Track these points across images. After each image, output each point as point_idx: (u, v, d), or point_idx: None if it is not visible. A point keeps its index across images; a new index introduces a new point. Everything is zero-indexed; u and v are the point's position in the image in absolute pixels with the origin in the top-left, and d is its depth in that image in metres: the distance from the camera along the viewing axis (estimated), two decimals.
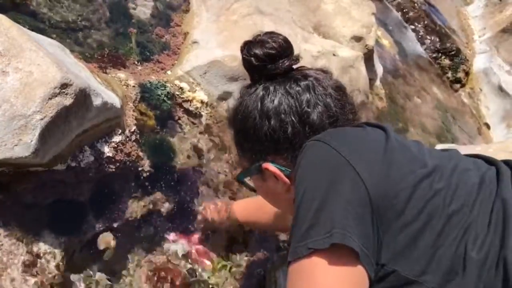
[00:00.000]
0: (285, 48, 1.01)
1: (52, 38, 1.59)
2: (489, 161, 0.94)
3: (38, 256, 1.26)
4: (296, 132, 0.96)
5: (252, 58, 1.00)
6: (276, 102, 0.97)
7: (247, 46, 1.02)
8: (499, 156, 2.55)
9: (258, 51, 0.99)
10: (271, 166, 0.99)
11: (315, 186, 0.82)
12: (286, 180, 0.98)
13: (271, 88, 0.98)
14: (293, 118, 0.96)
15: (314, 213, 0.79)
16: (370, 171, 0.80)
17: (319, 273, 0.77)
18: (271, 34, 1.02)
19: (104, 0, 1.99)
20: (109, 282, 1.42)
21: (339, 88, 1.02)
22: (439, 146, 2.62)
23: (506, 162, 0.92)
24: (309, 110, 0.96)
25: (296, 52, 1.07)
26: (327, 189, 0.80)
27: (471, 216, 0.81)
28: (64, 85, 1.17)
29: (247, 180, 1.13)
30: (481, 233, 0.79)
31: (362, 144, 0.87)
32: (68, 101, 1.18)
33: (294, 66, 1.03)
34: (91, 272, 1.41)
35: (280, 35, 1.02)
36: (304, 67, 1.05)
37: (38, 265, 1.25)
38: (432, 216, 0.80)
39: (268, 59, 0.99)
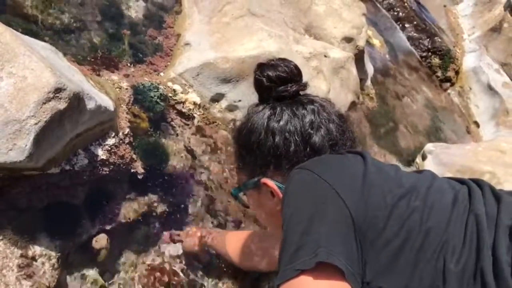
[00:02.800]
0: (295, 74, 1.06)
1: (45, 41, 1.59)
2: (460, 181, 0.98)
3: (33, 258, 1.27)
4: (298, 151, 1.00)
5: (264, 79, 1.05)
6: (282, 122, 1.01)
7: (260, 68, 1.07)
8: (488, 153, 2.58)
9: (270, 73, 1.04)
10: (269, 182, 1.03)
11: (301, 210, 0.86)
12: (282, 196, 1.00)
13: (279, 108, 1.03)
14: (296, 138, 1.00)
15: (300, 235, 0.82)
16: (351, 194, 0.85)
17: None
18: (283, 60, 1.08)
19: (97, 2, 2.00)
20: (103, 282, 1.43)
21: (342, 116, 1.08)
22: (429, 145, 2.66)
23: (475, 181, 0.97)
24: (312, 132, 1.01)
25: (288, 53, 1.11)
26: (312, 212, 0.84)
27: (447, 231, 0.85)
28: (58, 90, 1.18)
29: (241, 195, 1.16)
30: (457, 246, 0.83)
31: (343, 171, 0.91)
32: (62, 105, 1.19)
33: (301, 92, 1.09)
34: (86, 273, 1.43)
35: (292, 62, 1.08)
36: (311, 94, 1.11)
37: (33, 267, 1.26)
38: (410, 233, 0.83)
39: (278, 81, 1.04)
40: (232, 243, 1.57)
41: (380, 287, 0.82)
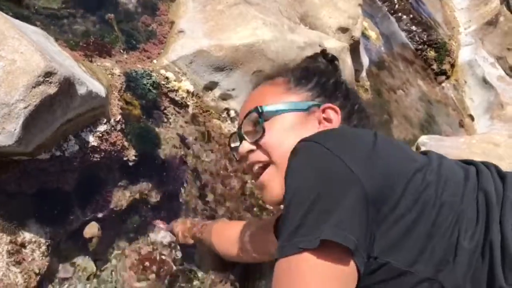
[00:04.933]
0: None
1: (36, 25, 1.57)
2: (467, 162, 1.00)
3: (22, 245, 1.26)
4: (355, 103, 1.14)
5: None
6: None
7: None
8: (482, 146, 2.58)
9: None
10: (336, 108, 1.08)
11: (308, 185, 0.83)
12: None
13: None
14: (352, 95, 1.17)
15: (305, 212, 0.79)
16: (364, 167, 0.82)
17: (307, 272, 0.77)
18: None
19: None
20: (95, 269, 1.42)
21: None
22: (423, 137, 2.66)
23: (482, 162, 0.99)
24: (355, 94, 1.21)
25: (282, 42, 1.14)
26: (320, 188, 0.81)
27: (461, 206, 0.85)
28: (48, 74, 1.16)
29: (270, 115, 1.07)
30: (471, 222, 0.84)
31: (354, 142, 0.90)
32: (52, 89, 1.17)
33: None
34: (77, 261, 1.41)
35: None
36: None
37: (23, 254, 1.25)
38: (425, 207, 0.83)
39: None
40: (218, 234, 1.54)
41: (387, 262, 0.81)
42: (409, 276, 0.81)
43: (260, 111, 1.07)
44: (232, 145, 1.26)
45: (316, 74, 1.14)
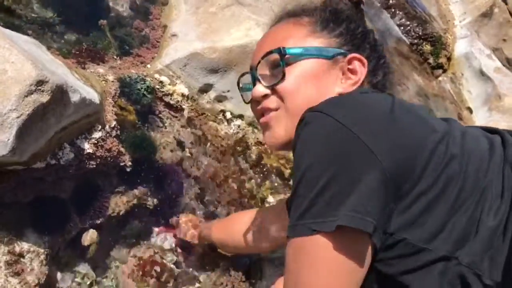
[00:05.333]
0: None
1: (28, 34, 1.57)
2: (491, 130, 0.95)
3: (21, 255, 1.26)
4: (383, 58, 1.08)
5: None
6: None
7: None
8: None
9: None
10: (365, 61, 1.01)
11: (320, 162, 0.77)
12: (360, 81, 0.99)
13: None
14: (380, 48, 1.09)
15: (319, 191, 0.75)
16: (380, 142, 0.77)
17: (322, 256, 0.75)
18: None
19: None
20: (94, 276, 1.42)
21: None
22: None
23: (508, 131, 0.93)
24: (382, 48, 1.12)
25: None
26: (335, 166, 0.76)
27: (485, 181, 0.81)
28: (40, 82, 1.16)
29: (292, 60, 1.00)
30: (496, 198, 0.79)
31: (368, 113, 0.82)
32: (44, 98, 1.17)
33: None
34: (77, 269, 1.41)
35: None
36: None
37: (21, 264, 1.25)
38: (448, 183, 0.78)
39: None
40: (227, 228, 1.54)
41: (404, 239, 0.78)
42: (427, 253, 0.77)
43: (283, 53, 0.98)
44: (241, 84, 1.19)
45: (346, 19, 1.05)
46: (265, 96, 1.03)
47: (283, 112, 1.00)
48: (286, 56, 0.99)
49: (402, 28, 3.95)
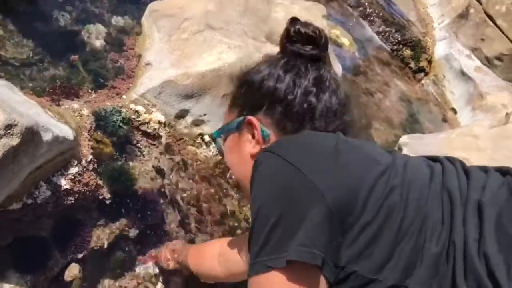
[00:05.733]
0: (322, 42, 1.07)
1: (0, 76, 1.60)
2: (433, 159, 0.98)
3: None
4: (295, 102, 1.01)
5: (292, 29, 1.06)
6: (291, 73, 1.02)
7: (293, 21, 1.09)
8: (462, 140, 2.59)
9: (301, 27, 1.05)
10: (254, 120, 1.02)
11: (270, 201, 0.83)
12: (261, 139, 1.01)
13: (292, 62, 1.04)
14: (298, 91, 1.01)
15: (270, 229, 0.80)
16: (324, 178, 0.82)
17: None
18: (319, 28, 1.09)
19: (57, 31, 2.00)
20: None
21: (347, 97, 1.09)
22: (404, 137, 2.68)
23: (447, 158, 0.97)
24: (315, 91, 1.01)
25: (248, 63, 1.11)
26: (283, 204, 0.81)
27: (426, 208, 0.84)
28: (9, 126, 1.18)
29: (221, 140, 1.14)
30: (437, 225, 0.83)
31: (314, 152, 0.89)
32: (14, 141, 1.19)
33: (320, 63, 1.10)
34: None
35: (324, 32, 1.09)
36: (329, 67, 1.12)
37: None
38: (390, 213, 0.82)
39: (304, 38, 1.05)
40: (193, 256, 1.55)
41: (354, 271, 0.81)
42: (377, 283, 0.80)
43: (214, 138, 1.14)
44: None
45: (243, 84, 1.09)
46: None
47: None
48: (217, 139, 1.14)
49: (381, 35, 4.01)
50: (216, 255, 1.46)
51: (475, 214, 0.83)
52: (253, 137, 1.03)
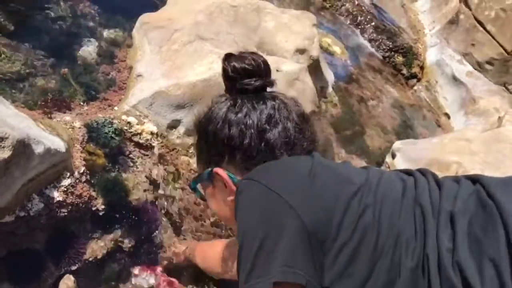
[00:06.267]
0: (262, 69, 1.06)
1: None
2: (407, 172, 1.00)
3: None
4: (252, 145, 1.01)
5: (229, 69, 1.05)
6: (240, 114, 1.02)
7: (228, 58, 1.07)
8: (455, 144, 2.60)
9: (236, 64, 1.04)
10: (221, 171, 1.03)
11: (253, 227, 0.86)
12: (233, 187, 1.01)
13: (239, 101, 1.03)
14: (252, 131, 1.01)
15: (255, 254, 0.83)
16: (301, 201, 0.85)
17: None
18: (253, 53, 1.08)
19: (50, 45, 2.02)
20: None
21: (302, 116, 1.08)
22: (397, 143, 2.69)
23: (420, 171, 0.99)
24: (268, 127, 1.01)
25: None
26: (264, 228, 0.84)
27: (399, 224, 0.86)
28: (0, 139, 1.19)
29: (200, 188, 1.16)
30: (411, 240, 0.85)
31: (290, 176, 0.92)
32: (5, 154, 1.20)
33: (268, 89, 1.09)
34: None
35: (262, 57, 1.08)
36: (276, 91, 1.11)
37: None
38: (365, 232, 0.84)
39: (243, 73, 1.04)
40: (202, 254, 1.61)
41: None
42: None
43: (192, 188, 1.18)
44: None
45: (200, 137, 1.11)
46: None
47: None
48: (194, 188, 1.18)
49: (372, 42, 4.05)
50: (219, 255, 1.51)
51: (448, 225, 0.85)
52: (225, 186, 1.05)
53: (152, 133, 1.83)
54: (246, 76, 1.04)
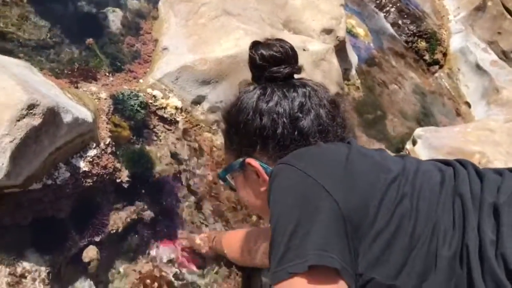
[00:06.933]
0: (290, 56, 1.05)
1: (19, 58, 1.60)
2: (445, 162, 0.99)
3: (22, 276, 1.28)
4: (285, 134, 1.00)
5: (257, 57, 1.04)
6: (271, 103, 1.01)
7: (255, 46, 1.06)
8: (477, 133, 2.58)
9: (264, 52, 1.03)
10: (254, 161, 1.03)
11: (288, 210, 0.86)
12: (266, 177, 1.00)
13: (269, 89, 1.02)
14: (284, 120, 0.99)
15: (289, 237, 0.82)
16: (338, 187, 0.85)
17: None
18: (280, 40, 1.06)
19: (75, 14, 2.00)
20: None
21: (334, 102, 1.06)
22: (419, 130, 2.66)
23: (459, 161, 0.98)
24: (301, 115, 1.00)
25: None
26: (300, 211, 0.84)
27: (437, 214, 0.86)
28: (31, 106, 1.18)
29: (229, 177, 1.16)
30: (448, 230, 0.84)
31: (326, 162, 0.91)
32: (36, 121, 1.20)
33: (296, 76, 1.08)
34: (78, 286, 1.43)
35: (288, 43, 1.06)
36: (305, 78, 1.09)
37: (23, 284, 1.27)
38: (402, 220, 0.84)
39: (272, 61, 1.03)
40: (228, 242, 1.59)
41: (372, 278, 0.83)
42: None
43: (221, 177, 1.16)
44: None
45: (230, 126, 1.10)
46: None
47: None
48: (223, 178, 1.16)
49: (396, 27, 3.97)
50: (245, 243, 1.51)
51: (491, 216, 0.84)
52: (258, 176, 1.04)
53: (176, 108, 1.82)
54: (274, 64, 1.03)
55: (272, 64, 1.03)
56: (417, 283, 0.82)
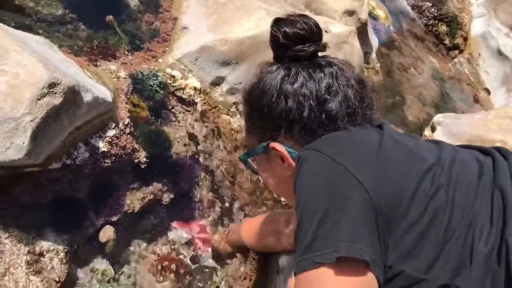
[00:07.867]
0: (315, 33, 0.99)
1: (39, 34, 1.57)
2: (484, 151, 0.94)
3: (41, 254, 1.28)
4: (312, 117, 0.94)
5: (280, 35, 0.97)
6: (296, 84, 0.95)
7: (277, 23, 0.99)
8: (498, 121, 2.53)
9: (287, 29, 0.96)
10: (279, 146, 0.98)
11: (316, 197, 0.82)
12: (292, 162, 0.97)
13: (294, 70, 0.96)
14: (311, 102, 0.94)
15: (317, 225, 0.79)
16: (369, 175, 0.80)
17: (328, 286, 0.77)
18: (303, 16, 1.00)
19: None
20: (113, 272, 1.44)
21: (361, 81, 1.00)
22: (438, 116, 2.61)
23: (499, 150, 0.93)
24: (328, 97, 0.94)
25: None
26: (328, 199, 0.80)
27: (474, 208, 0.82)
28: (52, 85, 1.16)
29: (251, 160, 1.12)
30: (486, 224, 0.80)
31: (357, 149, 0.87)
32: (57, 100, 1.18)
33: (320, 54, 1.01)
34: (95, 266, 1.43)
35: (312, 19, 0.99)
36: (329, 56, 1.03)
37: (42, 263, 1.27)
38: (437, 212, 0.80)
39: (296, 39, 0.97)
40: (247, 229, 1.56)
41: (402, 271, 0.80)
42: (426, 283, 0.79)
43: (243, 160, 1.12)
44: None
45: (253, 109, 1.04)
46: None
47: None
48: (245, 161, 1.12)
49: (416, 9, 3.88)
50: (273, 227, 1.47)
51: None
52: (283, 161, 1.00)
53: (195, 89, 1.79)
54: (299, 42, 0.97)
55: (296, 42, 0.97)
56: (450, 278, 0.78)
